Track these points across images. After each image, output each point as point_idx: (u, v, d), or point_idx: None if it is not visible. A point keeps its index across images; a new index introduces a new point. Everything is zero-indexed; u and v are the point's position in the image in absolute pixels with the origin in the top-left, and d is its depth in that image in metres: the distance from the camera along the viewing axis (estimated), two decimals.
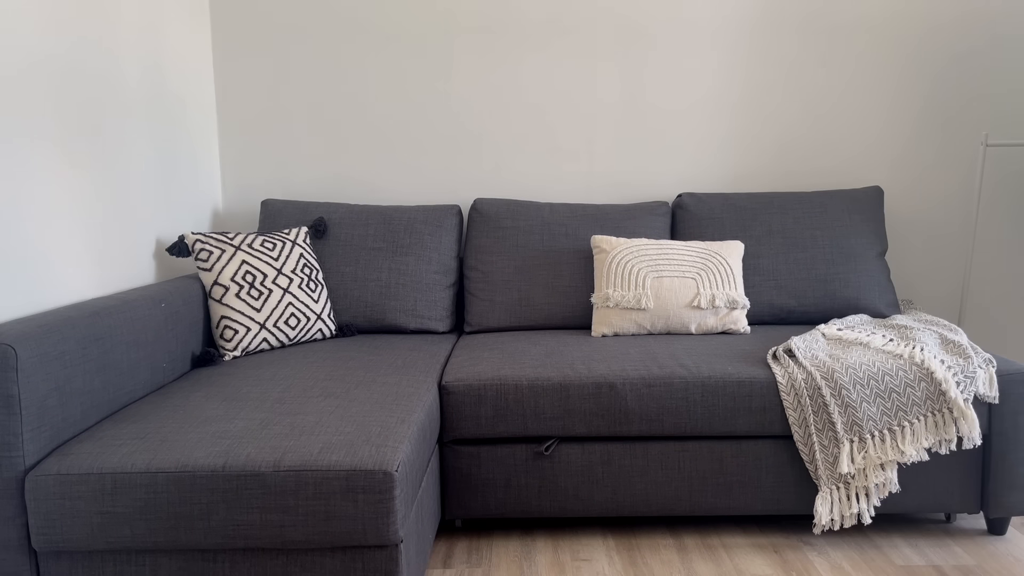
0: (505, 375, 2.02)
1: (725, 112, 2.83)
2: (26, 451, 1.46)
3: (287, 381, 1.92)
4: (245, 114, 2.81)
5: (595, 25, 2.78)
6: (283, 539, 1.45)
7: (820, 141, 2.85)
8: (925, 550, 2.03)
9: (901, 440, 1.95)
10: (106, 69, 2.05)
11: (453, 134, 2.83)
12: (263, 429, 1.59)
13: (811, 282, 2.53)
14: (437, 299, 2.55)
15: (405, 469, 1.51)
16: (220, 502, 1.44)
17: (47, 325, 1.55)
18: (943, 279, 2.92)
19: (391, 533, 1.45)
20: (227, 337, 2.21)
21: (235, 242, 2.30)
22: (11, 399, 1.44)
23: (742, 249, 2.51)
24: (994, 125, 2.84)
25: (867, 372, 1.99)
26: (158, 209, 2.34)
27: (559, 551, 2.04)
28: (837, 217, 2.60)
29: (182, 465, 1.46)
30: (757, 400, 2.00)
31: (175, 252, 2.25)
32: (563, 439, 2.04)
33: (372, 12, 2.76)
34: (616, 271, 2.40)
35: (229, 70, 2.78)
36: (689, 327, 2.40)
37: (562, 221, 2.60)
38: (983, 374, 2.00)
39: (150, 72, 2.29)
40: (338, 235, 2.57)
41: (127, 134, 2.16)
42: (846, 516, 1.97)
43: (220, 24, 2.76)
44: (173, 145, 2.45)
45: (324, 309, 2.41)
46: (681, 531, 2.14)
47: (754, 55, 2.81)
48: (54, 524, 1.45)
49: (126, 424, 1.64)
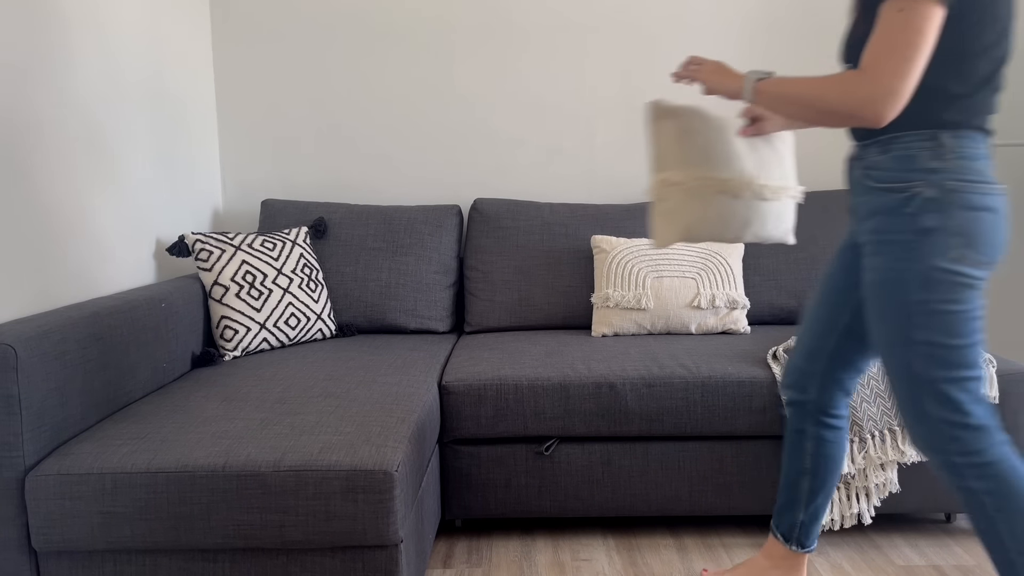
0: (505, 375, 2.03)
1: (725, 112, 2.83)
2: (26, 451, 1.46)
3: (287, 381, 1.92)
4: (245, 114, 2.81)
5: (595, 25, 2.78)
6: (283, 539, 1.45)
7: (820, 141, 2.85)
8: (925, 550, 2.03)
9: (901, 440, 1.95)
10: (106, 69, 2.05)
11: (453, 134, 2.83)
12: (263, 429, 1.59)
13: (811, 282, 2.53)
14: (437, 299, 2.55)
15: (405, 469, 1.51)
16: (220, 502, 1.44)
17: (47, 325, 1.55)
18: None
19: (391, 533, 1.45)
20: (227, 337, 2.21)
21: (235, 242, 2.30)
22: (11, 399, 1.44)
23: (742, 249, 2.51)
24: (994, 125, 2.84)
25: (867, 372, 1.99)
26: (158, 209, 2.34)
27: (559, 551, 2.04)
28: (837, 217, 2.60)
29: (182, 465, 1.46)
30: (757, 400, 2.00)
31: (175, 252, 2.25)
32: (563, 439, 2.04)
33: (373, 12, 2.76)
34: (616, 271, 2.40)
35: (229, 70, 2.79)
36: (689, 327, 2.40)
37: (562, 221, 2.60)
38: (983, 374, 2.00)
39: (150, 72, 2.29)
40: (338, 235, 2.57)
41: (127, 134, 2.16)
42: (846, 516, 1.97)
43: (220, 24, 2.76)
44: (173, 145, 2.45)
45: (324, 309, 2.41)
46: (681, 531, 2.14)
47: (754, 55, 2.80)
48: (54, 524, 1.45)
49: (126, 424, 1.64)
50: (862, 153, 1.44)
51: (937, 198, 1.32)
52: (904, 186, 1.35)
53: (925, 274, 1.33)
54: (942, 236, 1.32)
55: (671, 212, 1.55)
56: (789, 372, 1.68)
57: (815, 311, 1.63)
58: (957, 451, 1.34)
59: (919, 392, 1.36)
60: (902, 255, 1.34)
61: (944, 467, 1.37)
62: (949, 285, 1.33)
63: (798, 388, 1.66)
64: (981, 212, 1.32)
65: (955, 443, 1.34)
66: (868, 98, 1.24)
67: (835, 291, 1.59)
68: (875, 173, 1.39)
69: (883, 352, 1.40)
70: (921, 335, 1.34)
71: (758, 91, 1.39)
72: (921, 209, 1.33)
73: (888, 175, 1.37)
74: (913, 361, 1.35)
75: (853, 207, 1.49)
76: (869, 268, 1.41)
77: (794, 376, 1.67)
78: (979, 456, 1.34)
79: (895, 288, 1.36)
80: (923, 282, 1.33)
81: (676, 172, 1.54)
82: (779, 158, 1.66)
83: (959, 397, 1.34)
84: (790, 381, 1.68)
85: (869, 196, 1.41)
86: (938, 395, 1.35)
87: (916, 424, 1.38)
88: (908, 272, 1.34)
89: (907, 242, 1.34)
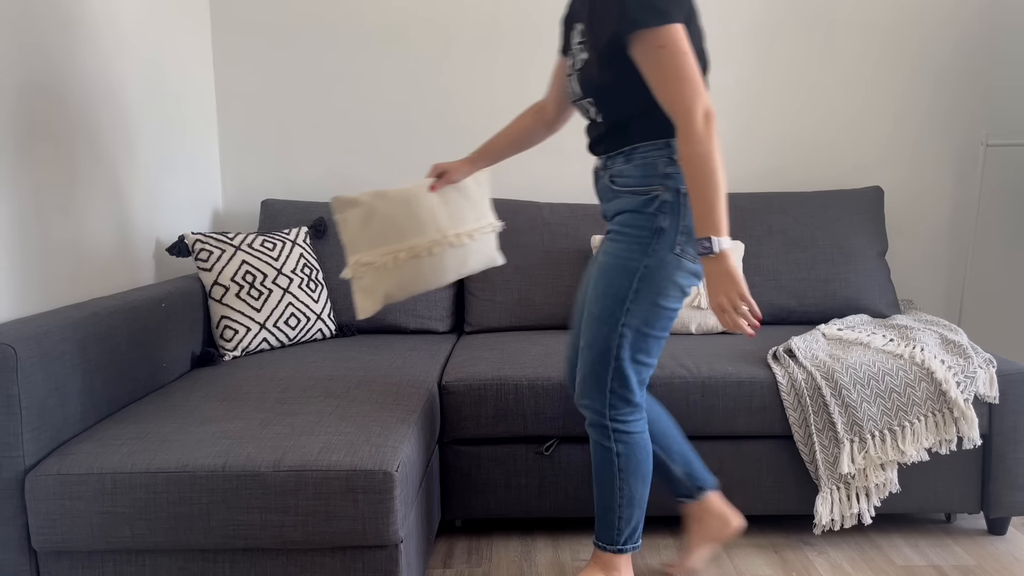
0: (505, 375, 2.02)
1: (725, 112, 2.83)
2: (26, 451, 1.46)
3: (287, 381, 1.92)
4: (245, 114, 2.81)
5: None
6: (283, 539, 1.45)
7: (820, 141, 2.85)
8: (925, 550, 2.03)
9: (901, 440, 1.95)
10: (106, 69, 2.05)
11: (453, 133, 2.83)
12: (263, 429, 1.59)
13: (811, 282, 2.53)
14: (437, 299, 2.55)
15: (405, 469, 1.51)
16: (220, 502, 1.44)
17: (47, 325, 1.55)
18: (943, 279, 2.92)
19: (391, 533, 1.45)
20: (227, 337, 2.21)
21: (235, 242, 2.30)
22: (11, 399, 1.44)
23: (742, 249, 2.51)
24: (994, 125, 2.84)
25: (867, 372, 1.99)
26: (158, 209, 2.34)
27: (559, 551, 2.04)
28: (837, 217, 2.60)
29: (182, 465, 1.46)
30: (757, 400, 2.00)
31: (175, 252, 2.25)
32: (563, 439, 2.04)
33: (373, 12, 2.76)
34: None
35: (229, 70, 2.79)
36: (689, 327, 2.40)
37: (562, 221, 2.60)
38: (983, 374, 2.00)
39: (150, 72, 2.29)
40: (338, 235, 2.57)
41: (127, 134, 2.16)
42: (846, 516, 1.97)
43: (220, 24, 2.76)
44: (173, 145, 2.45)
45: (324, 309, 2.41)
46: (681, 531, 2.14)
47: (754, 55, 2.81)
48: (54, 524, 1.45)
49: (126, 424, 1.64)
50: (608, 164, 1.62)
51: (672, 201, 1.53)
52: (646, 189, 1.54)
53: (651, 269, 1.53)
54: (672, 235, 1.53)
55: (368, 287, 1.75)
56: (568, 365, 1.82)
57: (581, 306, 1.77)
58: (612, 417, 1.62)
59: (605, 364, 1.59)
60: (636, 248, 1.54)
61: (596, 426, 1.64)
62: (667, 284, 1.54)
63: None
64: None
65: (614, 411, 1.62)
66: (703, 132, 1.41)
67: None
68: (620, 180, 1.58)
69: (589, 323, 1.60)
70: (629, 320, 1.55)
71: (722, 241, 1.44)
72: (659, 210, 1.53)
73: (632, 180, 1.56)
74: (612, 339, 1.57)
75: (603, 212, 1.68)
76: (604, 252, 1.60)
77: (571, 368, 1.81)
78: (626, 426, 1.63)
79: (621, 275, 1.55)
80: (646, 275, 1.54)
81: (366, 254, 1.74)
82: (472, 203, 1.90)
83: (633, 378, 1.60)
84: (570, 373, 1.82)
85: (617, 200, 1.60)
86: (619, 371, 1.59)
87: (590, 387, 1.62)
88: (636, 263, 1.54)
89: (643, 238, 1.54)
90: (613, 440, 1.63)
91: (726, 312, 1.45)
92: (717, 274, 1.44)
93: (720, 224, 1.41)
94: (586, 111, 1.63)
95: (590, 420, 1.66)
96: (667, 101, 1.44)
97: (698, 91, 1.42)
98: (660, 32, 1.41)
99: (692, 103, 1.41)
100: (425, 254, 1.79)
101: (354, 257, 1.74)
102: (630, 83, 1.50)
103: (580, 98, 1.61)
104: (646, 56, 1.44)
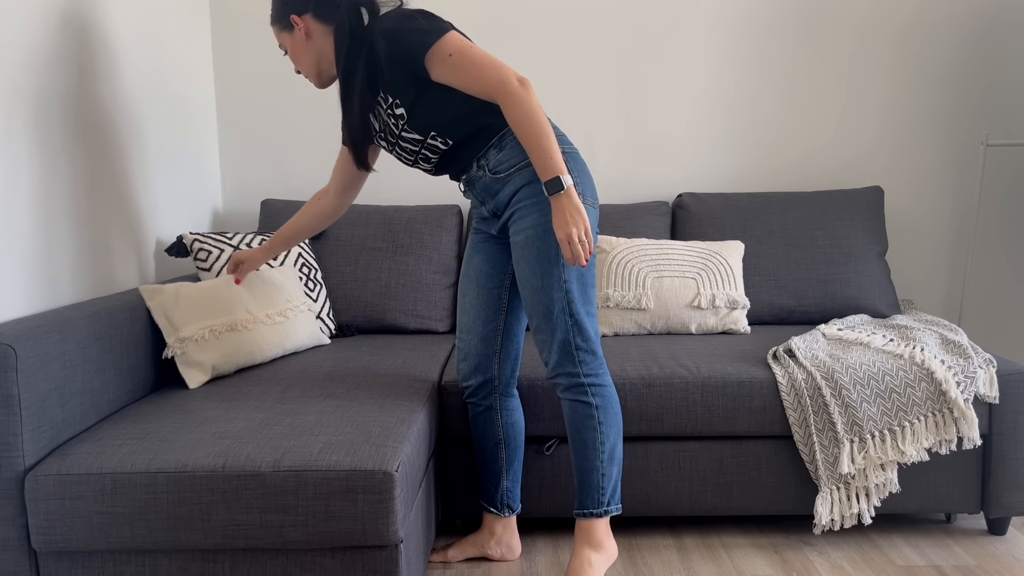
0: None
1: (725, 112, 2.83)
2: (26, 451, 1.46)
3: (287, 381, 1.92)
4: (245, 114, 2.81)
5: (594, 25, 2.78)
6: (283, 539, 1.45)
7: (820, 141, 2.86)
8: (925, 550, 2.03)
9: (901, 440, 1.95)
10: (106, 69, 2.05)
11: None
12: (263, 429, 1.59)
13: (811, 282, 2.53)
14: (437, 299, 2.55)
15: (405, 469, 1.51)
16: (220, 502, 1.44)
17: (47, 325, 1.55)
18: (943, 279, 2.92)
19: (391, 533, 1.45)
20: None
21: (234, 242, 2.30)
22: (11, 399, 1.44)
23: (742, 249, 2.51)
24: (994, 125, 2.84)
25: (867, 372, 1.99)
26: (158, 209, 2.34)
27: (559, 551, 2.04)
28: (837, 217, 2.60)
29: (182, 465, 1.45)
30: (757, 400, 2.00)
31: (174, 252, 2.24)
32: (563, 439, 2.04)
33: None
34: (616, 271, 2.40)
35: (229, 70, 2.78)
36: (689, 327, 2.40)
37: None
38: (983, 374, 2.00)
39: (150, 72, 2.29)
40: (338, 235, 2.57)
41: (126, 134, 2.15)
42: (846, 516, 1.97)
43: (220, 24, 2.76)
44: (173, 145, 2.45)
45: (324, 309, 2.41)
46: (681, 531, 2.14)
47: (754, 55, 2.81)
48: (54, 524, 1.45)
49: (126, 424, 1.64)
50: (480, 165, 1.74)
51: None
52: (527, 162, 1.67)
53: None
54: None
55: (193, 360, 1.89)
56: (468, 360, 1.89)
57: (475, 301, 1.87)
58: (583, 372, 1.71)
59: (562, 324, 1.69)
60: (546, 210, 1.65)
61: (571, 387, 1.72)
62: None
63: (482, 371, 1.89)
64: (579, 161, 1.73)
65: (583, 365, 1.71)
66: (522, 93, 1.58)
67: (488, 278, 1.86)
68: (504, 165, 1.70)
69: (533, 297, 1.69)
70: (568, 275, 1.67)
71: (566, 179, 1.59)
72: None
73: (515, 159, 1.69)
74: (558, 298, 1.67)
75: (492, 209, 1.78)
76: (518, 231, 1.70)
77: (475, 361, 1.89)
78: (597, 379, 1.73)
79: (544, 239, 1.66)
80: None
81: (186, 329, 1.88)
82: (277, 288, 2.13)
83: (590, 329, 1.71)
84: (471, 367, 1.89)
85: (507, 185, 1.71)
86: (578, 324, 1.69)
87: (556, 353, 1.71)
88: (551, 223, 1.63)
89: (546, 201, 1.64)
90: (591, 395, 1.72)
91: (572, 244, 1.56)
92: (568, 208, 1.57)
93: (561, 165, 1.58)
94: (431, 151, 1.75)
95: (566, 385, 1.73)
96: (484, 91, 1.61)
97: (500, 67, 1.59)
98: (441, 44, 1.61)
99: (501, 77, 1.58)
100: (241, 328, 1.98)
101: (175, 335, 1.88)
102: (456, 94, 1.67)
103: (421, 144, 1.74)
104: (444, 69, 1.62)
